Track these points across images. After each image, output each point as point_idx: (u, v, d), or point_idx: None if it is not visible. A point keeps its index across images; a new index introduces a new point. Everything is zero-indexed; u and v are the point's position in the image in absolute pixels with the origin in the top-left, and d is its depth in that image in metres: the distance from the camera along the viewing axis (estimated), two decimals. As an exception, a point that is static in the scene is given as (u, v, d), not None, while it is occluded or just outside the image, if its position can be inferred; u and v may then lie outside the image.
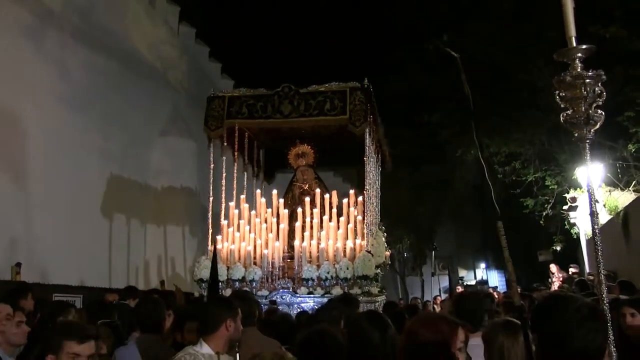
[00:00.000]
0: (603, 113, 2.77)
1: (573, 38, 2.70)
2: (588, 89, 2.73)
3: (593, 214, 2.85)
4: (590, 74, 2.72)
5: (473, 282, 25.34)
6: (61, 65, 10.67)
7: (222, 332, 3.63)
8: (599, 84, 2.70)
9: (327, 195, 9.40)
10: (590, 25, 11.00)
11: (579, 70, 2.72)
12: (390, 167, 12.20)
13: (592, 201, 2.87)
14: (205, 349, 3.57)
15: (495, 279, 26.72)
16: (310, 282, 8.33)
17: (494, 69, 14.97)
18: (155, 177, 13.34)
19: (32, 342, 3.99)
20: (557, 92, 2.83)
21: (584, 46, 2.67)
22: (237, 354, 3.39)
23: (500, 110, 15.43)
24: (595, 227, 2.82)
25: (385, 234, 10.84)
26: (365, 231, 8.77)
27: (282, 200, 9.64)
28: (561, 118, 2.83)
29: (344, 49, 18.69)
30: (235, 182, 9.64)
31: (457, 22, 15.41)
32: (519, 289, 13.29)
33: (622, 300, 4.66)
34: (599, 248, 2.72)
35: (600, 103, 2.73)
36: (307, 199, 9.30)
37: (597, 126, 2.77)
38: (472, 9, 15.41)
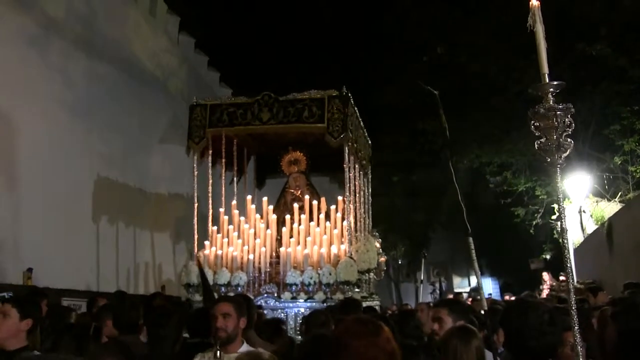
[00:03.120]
0: (572, 141, 3.07)
1: (546, 75, 3.00)
2: (559, 119, 3.03)
3: (563, 231, 3.15)
4: (560, 106, 3.01)
5: (467, 289, 25.56)
6: (64, 73, 10.91)
7: None
8: (569, 116, 3.00)
9: (315, 202, 9.50)
10: (577, 42, 11.40)
11: (551, 103, 3.02)
12: (369, 176, 12.22)
13: (563, 218, 3.17)
14: None
15: (490, 286, 26.99)
16: (293, 288, 8.39)
17: (488, 80, 15.28)
18: (154, 183, 13.55)
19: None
20: (532, 122, 3.12)
21: (555, 82, 2.97)
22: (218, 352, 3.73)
23: (493, 120, 15.74)
24: (566, 242, 3.14)
25: (380, 240, 11.02)
26: (348, 237, 8.82)
27: (271, 207, 9.79)
28: (536, 145, 3.13)
29: (343, 58, 18.94)
30: (223, 188, 9.78)
31: (453, 33, 15.72)
32: (510, 296, 13.67)
33: None
34: (569, 261, 3.03)
35: (569, 132, 3.02)
36: (296, 205, 9.43)
37: (567, 153, 3.07)
38: (468, 21, 15.72)
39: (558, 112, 3.01)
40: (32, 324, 3.97)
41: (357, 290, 8.74)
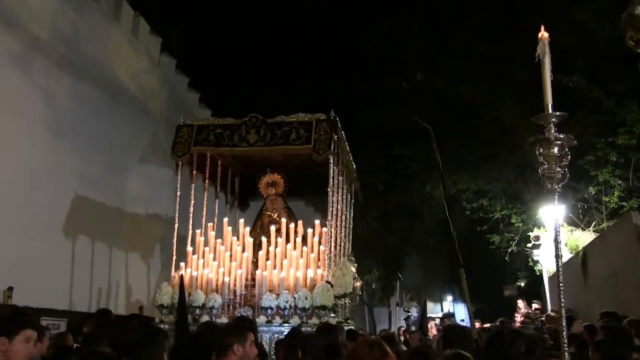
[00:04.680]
0: (567, 170, 3.17)
1: (550, 105, 3.08)
2: (561, 149, 3.12)
3: (558, 257, 3.24)
4: (562, 136, 3.10)
5: (440, 315, 25.51)
6: (46, 92, 10.87)
7: (230, 357, 3.94)
8: (566, 149, 3.09)
9: (292, 225, 9.41)
10: (555, 74, 11.63)
11: (552, 132, 3.10)
12: (361, 200, 12.23)
13: (559, 242, 3.26)
14: None
15: (462, 312, 27.03)
16: (269, 311, 8.30)
17: (465, 106, 15.50)
18: (132, 203, 13.49)
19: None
20: (538, 149, 3.19)
21: (557, 113, 3.06)
22: None
23: (470, 147, 15.93)
24: (560, 269, 3.23)
25: (356, 264, 11.00)
26: (326, 261, 8.75)
27: (248, 229, 9.70)
28: (540, 172, 3.21)
29: (323, 81, 19.07)
30: (205, 209, 9.68)
31: (431, 60, 15.95)
32: (478, 324, 13.76)
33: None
34: (562, 289, 3.11)
35: (565, 164, 3.12)
36: (273, 228, 9.33)
37: (564, 182, 3.17)
38: (446, 48, 15.97)
39: (561, 142, 3.09)
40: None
41: (332, 315, 8.56)
